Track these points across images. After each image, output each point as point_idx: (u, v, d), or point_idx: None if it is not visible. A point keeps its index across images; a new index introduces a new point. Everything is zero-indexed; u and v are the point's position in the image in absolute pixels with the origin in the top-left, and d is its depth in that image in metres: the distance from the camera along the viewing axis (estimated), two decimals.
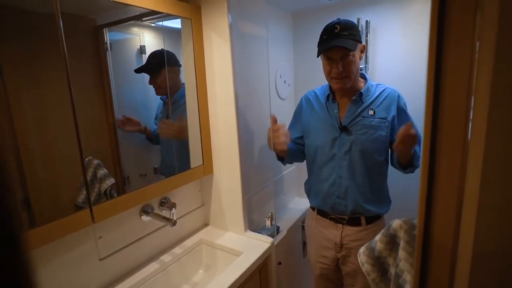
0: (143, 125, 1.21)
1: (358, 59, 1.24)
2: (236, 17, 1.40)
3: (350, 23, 1.21)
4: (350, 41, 1.17)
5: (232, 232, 1.49)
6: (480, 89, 0.43)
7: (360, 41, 1.22)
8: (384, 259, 0.84)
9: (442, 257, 0.53)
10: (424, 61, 0.48)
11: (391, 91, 1.28)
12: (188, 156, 1.39)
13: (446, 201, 0.51)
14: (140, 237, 1.25)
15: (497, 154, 0.42)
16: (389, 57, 1.76)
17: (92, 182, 0.99)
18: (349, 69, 1.22)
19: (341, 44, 1.17)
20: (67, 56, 0.87)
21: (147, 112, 1.25)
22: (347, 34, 1.18)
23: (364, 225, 1.31)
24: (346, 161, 1.28)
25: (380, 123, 1.24)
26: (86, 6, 0.97)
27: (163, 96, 1.29)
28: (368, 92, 1.29)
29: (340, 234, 1.35)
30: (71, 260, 1.01)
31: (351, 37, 1.18)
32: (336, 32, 1.19)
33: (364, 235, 1.31)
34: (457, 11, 0.45)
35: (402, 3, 1.67)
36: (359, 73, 1.31)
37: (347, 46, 1.17)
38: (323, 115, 1.35)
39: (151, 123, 1.26)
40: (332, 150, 1.31)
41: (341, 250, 1.37)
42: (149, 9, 1.11)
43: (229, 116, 1.36)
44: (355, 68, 1.23)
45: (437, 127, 0.49)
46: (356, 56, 1.22)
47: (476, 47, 0.44)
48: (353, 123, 1.27)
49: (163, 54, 1.24)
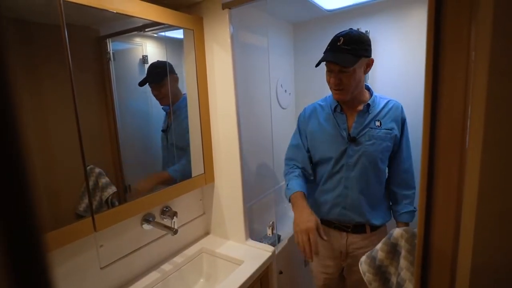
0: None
1: (359, 73, 1.21)
2: (238, 27, 1.42)
3: (356, 37, 1.17)
4: (349, 56, 1.15)
5: (233, 241, 1.49)
6: (476, 97, 0.43)
7: (365, 56, 1.19)
8: (385, 268, 0.84)
9: (442, 267, 0.53)
10: (422, 70, 0.49)
11: (395, 103, 1.29)
12: (189, 165, 1.40)
13: (445, 210, 0.51)
14: (141, 246, 1.25)
15: (494, 162, 0.42)
16: (388, 66, 1.78)
17: (93, 190, 0.99)
18: (346, 83, 1.20)
19: (335, 60, 1.16)
20: (71, 66, 0.89)
21: (149, 121, 1.26)
22: (349, 49, 1.15)
23: (369, 232, 1.31)
24: (354, 172, 1.27)
25: (386, 134, 1.25)
26: (90, 17, 0.99)
27: (165, 107, 1.30)
28: (374, 103, 1.29)
29: (345, 242, 1.33)
30: (72, 269, 1.01)
31: (352, 52, 1.15)
32: (338, 45, 1.17)
33: (369, 242, 1.30)
34: (452, 21, 0.46)
35: (401, 14, 1.69)
36: (363, 86, 1.29)
37: (340, 62, 1.16)
38: (330, 126, 1.32)
39: (154, 133, 1.27)
40: (341, 161, 1.29)
41: (346, 259, 1.36)
42: (152, 20, 1.13)
43: (231, 124, 1.36)
44: (353, 82, 1.21)
45: (435, 135, 0.50)
46: (356, 71, 1.19)
47: (471, 56, 0.44)
48: (362, 134, 1.27)
49: (163, 63, 1.26)
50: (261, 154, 1.76)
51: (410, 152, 1.33)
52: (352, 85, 1.21)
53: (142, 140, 1.26)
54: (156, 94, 1.25)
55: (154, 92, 1.25)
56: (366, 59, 1.21)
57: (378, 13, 1.75)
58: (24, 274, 0.20)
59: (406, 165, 1.31)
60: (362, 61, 1.19)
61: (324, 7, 1.76)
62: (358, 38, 1.17)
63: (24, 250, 0.20)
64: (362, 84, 1.27)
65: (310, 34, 2.04)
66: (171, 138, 1.37)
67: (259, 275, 1.28)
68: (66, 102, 0.90)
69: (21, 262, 0.20)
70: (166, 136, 1.33)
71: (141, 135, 1.25)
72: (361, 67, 1.20)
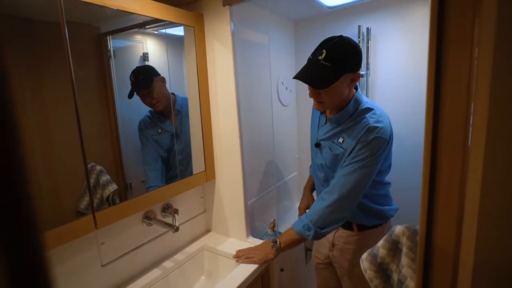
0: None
1: (341, 88, 1.10)
2: (238, 25, 1.42)
3: (342, 50, 1.06)
4: (328, 74, 1.05)
5: (234, 238, 1.49)
6: (479, 95, 0.43)
7: (350, 71, 1.08)
8: (386, 265, 0.84)
9: (444, 264, 0.53)
10: (424, 67, 0.49)
11: (366, 124, 1.11)
12: (190, 162, 1.40)
13: (447, 207, 0.51)
14: (142, 243, 1.25)
15: (497, 160, 0.42)
16: (390, 63, 1.77)
17: (94, 188, 0.99)
18: (325, 99, 1.12)
19: (308, 81, 1.09)
20: (72, 63, 0.89)
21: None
22: (330, 65, 1.04)
23: (356, 230, 1.30)
24: (322, 173, 1.29)
25: (343, 154, 1.16)
26: (91, 15, 0.98)
27: (160, 113, 1.27)
28: (345, 116, 1.17)
29: (334, 234, 1.36)
30: (73, 266, 1.02)
31: (333, 69, 1.05)
32: (319, 59, 1.06)
33: (356, 240, 1.30)
34: (455, 18, 0.46)
35: (403, 11, 1.68)
36: (347, 98, 1.16)
37: (313, 84, 1.09)
38: (314, 125, 1.36)
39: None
40: (315, 161, 1.33)
41: (332, 250, 1.38)
42: (152, 17, 1.13)
43: (231, 122, 1.36)
44: (334, 98, 1.12)
45: (438, 133, 0.49)
46: (337, 87, 1.08)
47: (475, 54, 0.44)
48: (325, 144, 1.24)
49: (146, 68, 1.20)
50: (262, 152, 1.75)
51: (345, 174, 1.15)
52: (332, 100, 1.14)
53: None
54: (149, 102, 1.21)
55: (147, 100, 1.20)
56: (351, 74, 1.10)
57: (380, 10, 1.74)
58: (23, 272, 0.20)
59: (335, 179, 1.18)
60: (345, 77, 1.08)
61: (325, 4, 1.76)
62: (344, 51, 1.06)
63: (22, 248, 0.20)
64: (347, 96, 1.15)
65: (311, 31, 2.03)
66: (186, 139, 1.37)
67: (260, 272, 1.29)
68: (67, 100, 0.89)
69: (19, 260, 0.20)
70: (176, 140, 1.34)
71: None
72: (344, 83, 1.10)
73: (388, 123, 1.14)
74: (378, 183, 1.24)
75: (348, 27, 1.85)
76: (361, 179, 1.11)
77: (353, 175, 1.11)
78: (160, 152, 1.30)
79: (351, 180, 1.11)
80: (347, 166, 1.13)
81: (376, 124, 1.10)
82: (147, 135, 1.24)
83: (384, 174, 1.27)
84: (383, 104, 1.83)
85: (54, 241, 0.87)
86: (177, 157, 1.35)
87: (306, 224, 1.16)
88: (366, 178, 1.12)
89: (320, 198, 1.19)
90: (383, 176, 1.26)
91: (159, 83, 1.25)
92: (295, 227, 1.20)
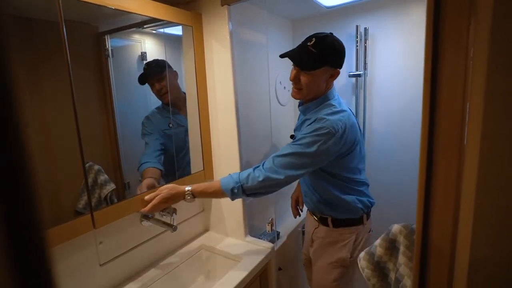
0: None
1: (320, 80, 1.15)
2: (237, 24, 1.42)
3: (329, 43, 1.12)
4: (313, 60, 1.11)
5: (232, 238, 1.49)
6: (474, 93, 0.43)
7: (331, 64, 1.13)
8: (384, 264, 0.84)
9: (440, 262, 0.54)
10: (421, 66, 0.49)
11: (319, 114, 1.14)
12: (188, 161, 1.40)
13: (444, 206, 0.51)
14: (140, 243, 1.25)
15: (492, 157, 0.42)
16: (387, 63, 1.77)
17: (92, 187, 0.99)
18: (303, 83, 1.15)
19: (295, 59, 1.14)
20: (70, 62, 0.89)
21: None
22: (316, 52, 1.10)
23: (331, 226, 1.30)
24: None
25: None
26: (89, 14, 0.98)
27: (175, 109, 1.30)
28: (311, 107, 1.22)
29: (313, 229, 1.38)
30: (72, 266, 1.02)
31: (318, 56, 1.10)
32: (307, 44, 1.12)
33: (331, 238, 1.31)
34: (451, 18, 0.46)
35: (401, 11, 1.69)
36: (321, 93, 1.19)
37: (298, 63, 1.14)
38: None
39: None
40: None
41: (312, 245, 1.40)
42: (150, 17, 1.13)
43: (230, 121, 1.36)
44: (311, 86, 1.16)
45: (434, 131, 0.50)
46: (317, 76, 1.14)
47: (470, 53, 0.45)
48: (296, 133, 1.27)
49: (161, 60, 1.26)
50: (260, 151, 1.76)
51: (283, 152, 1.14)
52: (310, 88, 1.16)
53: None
54: (158, 89, 1.23)
55: (156, 87, 1.23)
56: (331, 68, 1.15)
57: (378, 10, 1.75)
58: (26, 270, 0.20)
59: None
60: (326, 69, 1.14)
61: (323, 4, 1.76)
62: (331, 45, 1.12)
63: (26, 246, 0.20)
64: (322, 90, 1.19)
65: (309, 31, 2.01)
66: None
67: (258, 271, 1.29)
68: (65, 99, 0.89)
69: (23, 258, 0.20)
70: (182, 135, 1.35)
71: (140, 132, 1.24)
72: (323, 75, 1.15)
73: (342, 120, 1.12)
74: (345, 179, 1.24)
75: (346, 27, 1.85)
76: (294, 164, 1.10)
77: (287, 158, 1.10)
78: (170, 147, 1.31)
79: (284, 162, 1.10)
80: (287, 146, 1.14)
81: (325, 116, 1.11)
82: (156, 129, 1.26)
83: (351, 173, 1.25)
84: (381, 103, 1.83)
85: (52, 240, 0.87)
86: (190, 153, 1.37)
87: (236, 188, 1.12)
88: (300, 163, 1.10)
89: (258, 168, 1.14)
90: (350, 174, 1.24)
91: (172, 75, 1.28)
92: (224, 186, 1.14)
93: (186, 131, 1.38)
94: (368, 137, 1.92)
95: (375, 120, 1.88)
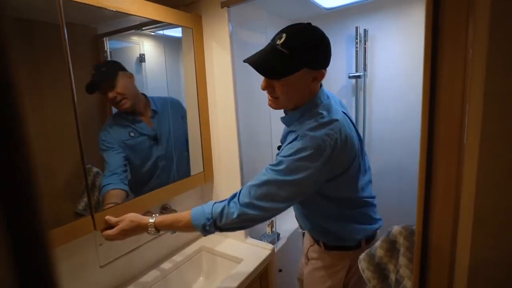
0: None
1: (299, 85, 0.91)
2: (236, 25, 1.42)
3: (305, 39, 0.87)
4: (284, 63, 0.86)
5: (233, 239, 1.49)
6: (474, 94, 0.43)
7: (310, 66, 0.88)
8: (384, 265, 0.84)
9: (440, 263, 0.53)
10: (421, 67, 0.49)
11: (302, 127, 0.92)
12: (188, 163, 1.40)
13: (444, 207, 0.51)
14: (140, 244, 1.25)
15: (492, 158, 0.42)
16: (387, 65, 1.78)
17: (91, 190, 0.99)
18: (280, 94, 0.93)
19: (258, 67, 0.90)
20: (71, 64, 0.89)
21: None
22: (287, 54, 0.85)
23: (323, 248, 1.14)
24: None
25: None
26: (89, 16, 0.98)
27: (135, 117, 1.16)
28: (293, 118, 0.99)
29: (308, 248, 1.24)
30: (72, 268, 1.02)
31: (290, 59, 0.85)
32: (277, 43, 0.87)
33: (321, 261, 1.16)
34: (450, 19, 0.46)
35: (400, 12, 1.69)
36: (308, 98, 0.96)
37: (262, 71, 0.90)
38: None
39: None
40: None
41: (307, 263, 1.25)
42: (150, 19, 1.13)
43: (230, 123, 1.36)
44: (290, 95, 0.93)
45: (434, 132, 0.50)
46: (293, 82, 0.89)
47: (469, 54, 0.45)
48: (282, 146, 1.01)
49: (108, 62, 1.09)
50: (260, 153, 1.75)
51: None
52: (288, 97, 0.94)
53: None
54: (113, 97, 1.07)
55: (109, 96, 1.06)
56: (312, 71, 0.89)
57: (377, 11, 1.75)
58: (29, 271, 0.20)
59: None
60: (305, 72, 0.88)
61: (323, 5, 1.76)
62: (308, 41, 0.87)
63: (28, 247, 0.20)
64: (307, 96, 0.95)
65: None
66: (168, 144, 1.27)
67: (259, 273, 1.29)
68: (65, 101, 0.89)
69: (26, 259, 0.20)
70: (156, 144, 1.23)
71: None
72: (303, 80, 0.90)
73: (331, 134, 0.87)
74: (343, 202, 1.04)
75: (346, 29, 1.86)
76: (273, 195, 0.89)
77: (264, 188, 0.90)
78: (133, 159, 1.16)
79: (261, 193, 0.90)
80: (265, 170, 0.93)
81: (309, 132, 0.88)
82: (115, 141, 1.10)
83: (351, 193, 1.04)
84: (381, 104, 1.83)
85: (52, 242, 0.87)
86: (159, 164, 1.22)
87: (207, 225, 0.95)
88: (280, 195, 0.89)
89: (233, 201, 0.94)
90: (350, 194, 1.04)
91: (125, 78, 1.10)
92: (195, 222, 0.96)
93: (151, 139, 1.22)
94: (368, 138, 1.92)
95: (375, 121, 1.88)
